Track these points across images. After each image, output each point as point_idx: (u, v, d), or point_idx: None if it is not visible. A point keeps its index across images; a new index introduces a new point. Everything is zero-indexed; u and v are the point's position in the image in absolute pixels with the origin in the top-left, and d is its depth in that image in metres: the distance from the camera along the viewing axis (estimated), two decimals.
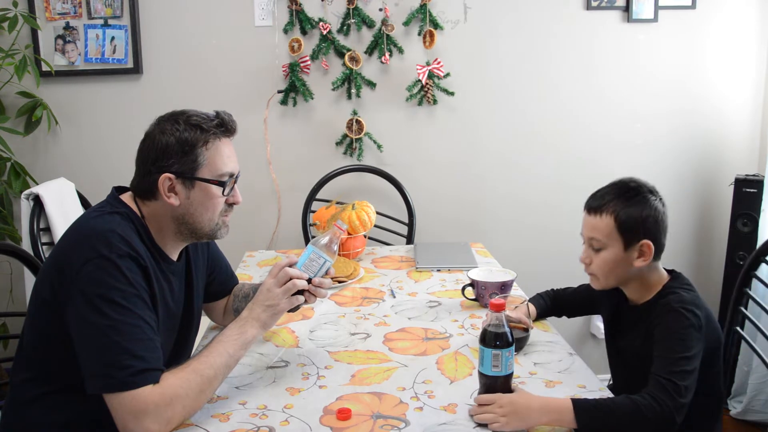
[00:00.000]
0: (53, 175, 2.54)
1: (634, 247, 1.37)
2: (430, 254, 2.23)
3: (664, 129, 2.87)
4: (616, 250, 1.38)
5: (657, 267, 1.43)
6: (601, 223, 1.38)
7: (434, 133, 2.80)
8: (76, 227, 1.27)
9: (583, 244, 1.45)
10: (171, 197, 1.29)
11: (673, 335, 1.27)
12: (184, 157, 1.28)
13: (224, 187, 1.32)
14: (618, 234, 1.37)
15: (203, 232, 1.34)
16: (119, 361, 1.13)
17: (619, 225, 1.37)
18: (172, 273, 1.36)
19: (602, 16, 2.76)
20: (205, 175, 1.30)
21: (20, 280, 2.55)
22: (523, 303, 1.53)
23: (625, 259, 1.38)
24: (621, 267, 1.39)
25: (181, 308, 1.42)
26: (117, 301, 1.15)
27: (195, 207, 1.31)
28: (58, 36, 2.63)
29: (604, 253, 1.39)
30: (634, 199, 1.38)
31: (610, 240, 1.38)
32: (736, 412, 2.66)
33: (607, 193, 1.40)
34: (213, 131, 1.31)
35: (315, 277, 1.36)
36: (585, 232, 1.44)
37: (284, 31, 2.68)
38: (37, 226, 2.20)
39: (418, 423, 1.18)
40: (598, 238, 1.39)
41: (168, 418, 1.14)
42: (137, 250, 1.22)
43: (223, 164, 1.32)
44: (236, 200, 1.37)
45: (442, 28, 2.70)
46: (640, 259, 1.38)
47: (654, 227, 1.37)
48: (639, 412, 1.15)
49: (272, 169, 2.78)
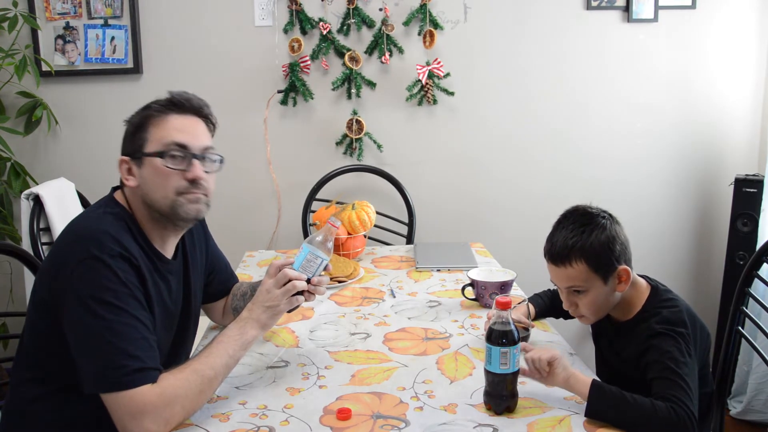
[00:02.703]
0: (53, 175, 2.54)
1: (612, 276, 1.36)
2: (430, 254, 2.23)
3: (664, 129, 2.87)
4: (598, 289, 1.37)
5: (635, 282, 1.42)
6: (574, 272, 1.36)
7: (434, 133, 2.80)
8: (70, 228, 1.27)
9: (560, 291, 1.43)
10: (130, 180, 1.30)
11: (664, 355, 1.26)
12: (133, 136, 1.31)
13: (163, 157, 1.27)
14: (594, 274, 1.35)
15: (163, 211, 1.29)
16: (114, 361, 1.13)
17: (592, 266, 1.35)
18: (168, 272, 1.36)
19: (602, 16, 2.76)
20: (150, 150, 1.28)
21: (20, 280, 2.55)
22: (523, 303, 1.53)
23: (609, 292, 1.38)
24: (607, 300, 1.39)
25: (179, 307, 1.42)
26: (110, 301, 1.15)
27: (148, 185, 1.29)
28: (58, 36, 2.63)
29: (588, 296, 1.38)
30: (593, 232, 1.35)
31: (590, 282, 1.36)
32: (736, 412, 2.66)
33: (565, 238, 1.37)
34: (159, 108, 1.32)
35: (313, 276, 1.36)
36: (559, 283, 1.41)
37: (284, 31, 2.68)
38: (37, 226, 2.20)
39: (418, 423, 1.18)
40: (578, 285, 1.37)
41: (167, 418, 1.14)
42: (129, 249, 1.22)
43: (167, 134, 1.29)
44: (194, 175, 1.29)
45: (442, 28, 2.70)
46: (622, 284, 1.37)
47: (621, 250, 1.37)
48: (654, 413, 1.15)
49: (272, 169, 2.78)
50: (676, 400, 1.17)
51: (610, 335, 1.47)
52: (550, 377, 1.24)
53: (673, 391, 1.19)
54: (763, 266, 1.60)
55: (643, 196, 2.91)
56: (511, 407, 1.21)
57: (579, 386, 1.22)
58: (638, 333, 1.35)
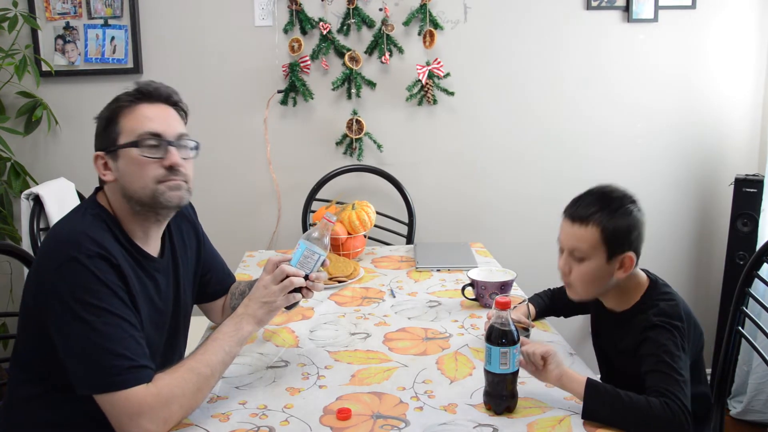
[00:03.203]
0: (53, 175, 2.54)
1: (616, 258, 1.35)
2: (430, 254, 2.23)
3: (665, 129, 2.87)
4: (598, 262, 1.35)
5: (635, 274, 1.41)
6: (586, 234, 1.34)
7: (434, 133, 2.80)
8: (51, 233, 1.28)
9: (561, 250, 1.41)
10: (107, 175, 1.30)
11: (660, 348, 1.26)
12: (105, 131, 1.30)
13: (138, 146, 1.27)
14: (603, 246, 1.34)
15: (144, 201, 1.28)
16: (102, 362, 1.12)
17: (605, 237, 1.33)
18: (156, 270, 1.35)
19: (602, 16, 2.76)
20: (124, 141, 1.28)
21: (20, 280, 2.55)
22: (523, 303, 1.53)
23: (607, 271, 1.36)
24: (601, 278, 1.37)
25: (170, 305, 1.41)
26: (91, 302, 1.14)
27: (127, 177, 1.28)
28: (58, 36, 2.63)
29: (585, 264, 1.36)
30: (619, 210, 1.35)
31: (594, 251, 1.34)
32: (736, 412, 2.66)
33: (591, 203, 1.36)
34: (128, 99, 1.30)
35: (311, 272, 1.36)
36: (566, 241, 1.39)
37: (284, 31, 2.68)
38: (37, 226, 2.20)
39: (418, 423, 1.18)
40: (582, 249, 1.35)
41: (165, 418, 1.14)
42: (108, 249, 1.20)
43: (139, 124, 1.28)
44: (171, 161, 1.27)
45: (442, 28, 2.70)
46: (621, 271, 1.36)
47: (637, 240, 1.36)
48: (650, 410, 1.14)
49: (272, 169, 2.78)
50: (669, 395, 1.17)
51: (609, 326, 1.46)
52: (543, 372, 1.24)
53: (668, 385, 1.19)
54: (763, 266, 1.60)
55: (642, 196, 2.84)
56: (511, 407, 1.21)
57: (573, 385, 1.21)
58: (636, 324, 1.35)
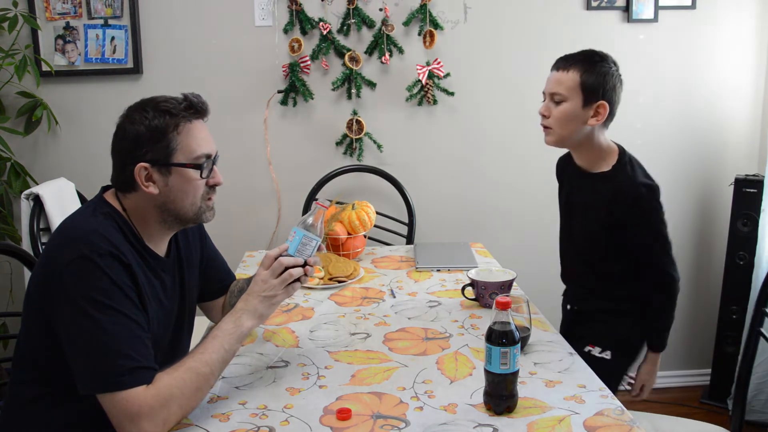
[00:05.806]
0: (53, 175, 2.54)
1: (591, 106, 1.57)
2: (430, 254, 2.23)
3: (664, 129, 2.87)
4: (575, 105, 1.57)
5: (605, 135, 1.66)
6: (566, 78, 1.57)
7: (434, 133, 2.80)
8: (60, 230, 1.27)
9: (545, 99, 1.64)
10: (150, 186, 1.27)
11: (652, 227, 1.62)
12: (157, 144, 1.26)
13: (201, 170, 1.30)
14: (580, 90, 1.56)
15: (187, 218, 1.32)
16: (107, 361, 1.12)
17: (582, 82, 1.56)
18: (162, 270, 1.36)
19: (602, 16, 2.76)
20: (180, 160, 1.27)
21: (20, 280, 2.55)
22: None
23: (581, 116, 1.57)
24: (576, 122, 1.59)
25: (175, 304, 1.41)
26: (101, 300, 1.14)
27: (175, 193, 1.29)
28: (58, 36, 2.63)
29: (563, 106, 1.57)
30: (599, 64, 1.58)
31: (572, 94, 1.57)
32: None
33: (575, 56, 1.61)
34: (182, 114, 1.28)
35: (309, 258, 1.38)
36: (549, 87, 1.63)
37: (284, 31, 2.68)
38: (37, 226, 2.20)
39: (418, 423, 1.18)
40: (561, 92, 1.58)
41: (165, 418, 1.14)
42: (119, 248, 1.20)
43: (197, 146, 1.29)
44: (217, 181, 1.34)
45: (442, 28, 2.70)
46: (594, 119, 1.58)
47: (611, 93, 1.58)
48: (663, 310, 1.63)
49: (272, 169, 2.78)
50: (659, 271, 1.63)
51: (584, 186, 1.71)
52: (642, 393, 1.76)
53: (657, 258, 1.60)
54: None
55: None
56: (511, 407, 1.21)
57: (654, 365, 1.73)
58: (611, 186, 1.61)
